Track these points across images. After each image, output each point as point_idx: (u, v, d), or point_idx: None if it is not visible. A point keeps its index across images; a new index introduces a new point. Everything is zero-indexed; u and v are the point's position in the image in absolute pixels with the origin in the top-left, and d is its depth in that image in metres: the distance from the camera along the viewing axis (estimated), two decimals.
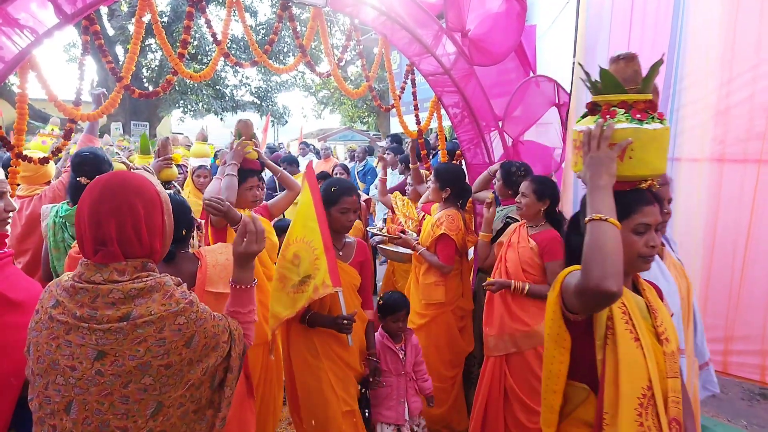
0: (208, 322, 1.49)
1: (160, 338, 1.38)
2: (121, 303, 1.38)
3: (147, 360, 1.37)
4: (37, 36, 2.57)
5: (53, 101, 2.83)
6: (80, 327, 1.37)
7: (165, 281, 1.46)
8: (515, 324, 3.10)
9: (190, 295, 1.50)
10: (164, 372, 1.39)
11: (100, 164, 3.05)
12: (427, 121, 4.52)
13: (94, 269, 1.42)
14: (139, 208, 1.46)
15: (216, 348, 1.51)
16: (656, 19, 3.51)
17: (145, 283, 1.42)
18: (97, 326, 1.36)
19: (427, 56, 3.96)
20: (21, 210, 3.46)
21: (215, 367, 1.52)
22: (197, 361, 1.46)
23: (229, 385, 1.56)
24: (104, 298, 1.38)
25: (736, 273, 3.24)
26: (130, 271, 1.43)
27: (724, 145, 3.25)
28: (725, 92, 3.22)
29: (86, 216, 1.43)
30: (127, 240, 1.43)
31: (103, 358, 1.36)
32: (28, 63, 2.63)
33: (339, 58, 3.97)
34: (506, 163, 3.78)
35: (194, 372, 1.45)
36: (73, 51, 19.98)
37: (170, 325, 1.40)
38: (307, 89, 24.73)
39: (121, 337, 1.36)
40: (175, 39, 13.61)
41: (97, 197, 1.44)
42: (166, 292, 1.44)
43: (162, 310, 1.40)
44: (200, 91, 17.98)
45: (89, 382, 1.36)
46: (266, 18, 19.66)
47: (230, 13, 3.43)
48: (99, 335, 1.36)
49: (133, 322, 1.36)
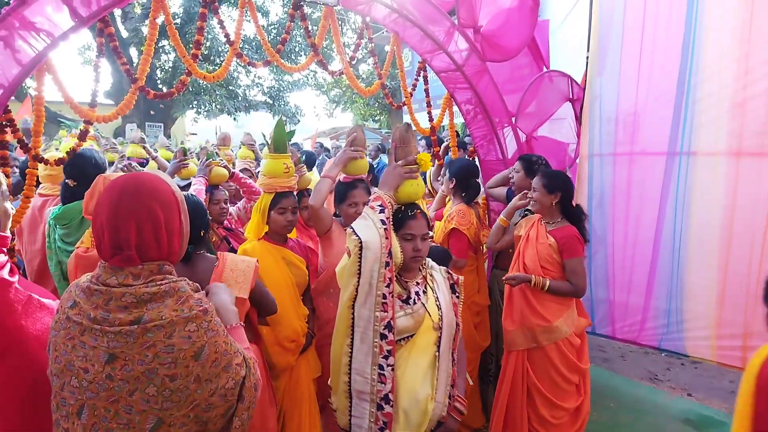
0: (220, 336, 1.45)
1: (168, 344, 1.36)
2: (134, 307, 1.37)
3: (154, 366, 1.34)
4: (53, 39, 2.60)
5: (69, 103, 2.86)
6: (93, 329, 1.37)
7: (180, 286, 1.44)
8: (535, 319, 3.10)
9: (207, 303, 1.47)
10: (168, 384, 1.36)
11: (85, 166, 3.04)
12: (440, 118, 4.51)
13: (110, 272, 1.42)
14: (158, 211, 1.45)
15: (228, 369, 1.44)
16: (670, 13, 3.48)
17: (158, 287, 1.40)
18: (109, 328, 1.36)
19: (439, 53, 3.95)
20: (43, 208, 3.52)
21: (227, 390, 1.44)
22: (206, 380, 1.40)
23: (239, 416, 1.47)
24: (117, 301, 1.37)
25: (754, 267, 3.21)
26: (145, 275, 1.42)
27: (741, 138, 3.22)
28: (741, 85, 3.19)
29: (105, 220, 1.42)
30: (145, 244, 1.42)
31: (113, 361, 1.35)
32: (45, 66, 2.66)
33: (351, 56, 3.98)
34: (525, 155, 3.76)
35: (201, 392, 1.40)
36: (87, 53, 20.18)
37: (180, 331, 1.37)
38: (318, 88, 24.75)
39: (131, 340, 1.34)
40: (188, 40, 13.71)
41: (116, 201, 1.43)
42: (180, 297, 1.42)
43: (173, 315, 1.38)
44: (213, 91, 18.09)
45: (99, 387, 1.36)
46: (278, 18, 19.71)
47: (243, 14, 3.45)
48: (110, 337, 1.35)
49: (143, 326, 1.35)
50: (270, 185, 2.98)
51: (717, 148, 3.32)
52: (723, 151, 3.30)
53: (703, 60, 3.34)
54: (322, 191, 3.00)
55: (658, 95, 3.60)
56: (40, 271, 3.42)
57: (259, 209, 2.98)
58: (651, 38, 3.59)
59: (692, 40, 3.36)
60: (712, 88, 3.32)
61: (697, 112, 3.40)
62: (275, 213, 2.94)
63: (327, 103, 26.14)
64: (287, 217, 2.96)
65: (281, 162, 2.99)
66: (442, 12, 3.82)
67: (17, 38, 2.50)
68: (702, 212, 3.41)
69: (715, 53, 3.30)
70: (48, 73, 2.70)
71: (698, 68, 3.37)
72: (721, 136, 3.30)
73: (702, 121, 3.38)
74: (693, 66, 3.39)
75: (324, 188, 3.01)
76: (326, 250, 3.13)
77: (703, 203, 3.40)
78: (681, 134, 3.49)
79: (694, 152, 3.43)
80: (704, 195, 3.40)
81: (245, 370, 1.50)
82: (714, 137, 3.34)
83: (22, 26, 2.49)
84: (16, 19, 2.45)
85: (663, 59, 3.55)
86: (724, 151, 3.29)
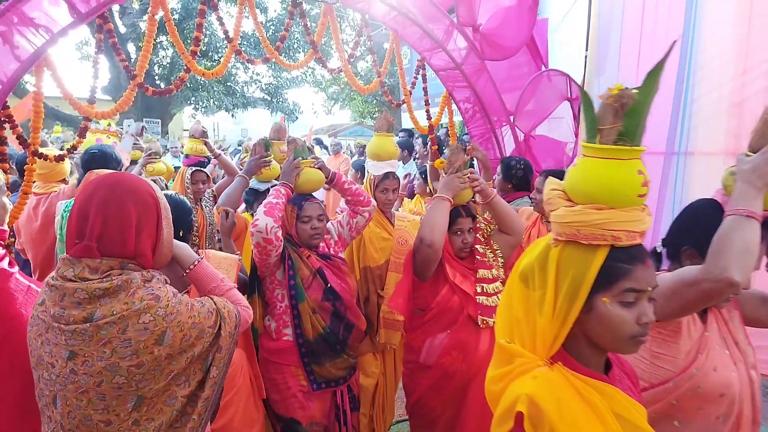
0: (182, 314, 1.43)
1: (124, 339, 1.34)
2: (87, 303, 1.35)
3: (114, 361, 1.34)
4: (52, 35, 2.59)
5: (68, 99, 2.86)
6: (53, 326, 1.37)
7: (131, 278, 1.40)
8: None
9: (159, 290, 1.43)
10: (136, 371, 1.36)
11: (108, 161, 3.12)
12: (438, 117, 4.51)
13: (68, 264, 1.40)
14: (130, 208, 1.43)
15: (201, 336, 1.46)
16: (669, 12, 3.48)
17: (111, 282, 1.36)
18: (66, 327, 1.35)
19: (438, 51, 3.95)
20: (37, 206, 3.52)
21: (204, 351, 1.48)
22: (179, 353, 1.41)
23: (217, 365, 1.51)
24: (70, 297, 1.36)
25: None
26: (103, 269, 1.39)
27: (739, 138, 3.22)
28: (740, 84, 3.19)
29: (75, 209, 1.42)
30: (109, 237, 1.40)
31: (74, 358, 1.35)
32: (43, 61, 2.66)
33: (350, 53, 3.97)
34: (506, 158, 3.80)
35: (177, 363, 1.42)
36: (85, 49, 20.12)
37: (134, 325, 1.35)
38: (317, 85, 24.73)
39: (87, 338, 1.33)
40: (186, 36, 13.67)
41: (90, 192, 1.43)
42: (129, 290, 1.38)
43: (124, 309, 1.35)
44: (211, 87, 18.07)
45: (66, 380, 1.36)
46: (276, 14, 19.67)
47: (242, 10, 3.44)
48: (68, 336, 1.35)
49: (95, 324, 1.33)
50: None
51: (715, 147, 3.33)
52: (721, 150, 3.30)
53: (702, 59, 3.34)
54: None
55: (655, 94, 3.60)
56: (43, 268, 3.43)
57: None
58: (649, 37, 3.59)
59: (690, 39, 3.37)
60: (710, 87, 3.32)
61: (695, 111, 3.40)
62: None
63: (325, 100, 26.12)
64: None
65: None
66: (442, 10, 3.82)
67: (16, 34, 2.49)
68: None
69: (714, 52, 3.30)
70: (47, 69, 2.70)
71: (696, 67, 3.37)
72: (719, 136, 3.30)
73: (700, 120, 3.39)
74: (691, 65, 3.40)
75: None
76: None
77: None
78: (679, 134, 3.50)
79: (692, 152, 3.44)
80: (702, 194, 3.36)
81: (219, 321, 1.52)
82: (712, 137, 3.34)
83: (21, 22, 2.48)
84: (14, 14, 2.45)
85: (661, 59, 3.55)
86: (722, 151, 3.29)
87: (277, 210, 2.47)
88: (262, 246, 2.41)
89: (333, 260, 2.69)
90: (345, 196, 2.84)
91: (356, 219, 2.84)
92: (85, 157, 3.23)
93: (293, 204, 2.62)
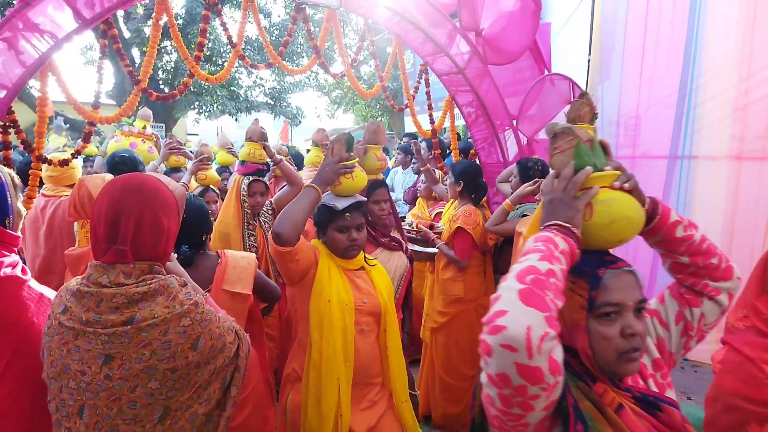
0: (212, 323, 1.46)
1: (165, 341, 1.36)
2: (125, 307, 1.36)
3: (153, 363, 1.35)
4: (57, 40, 2.61)
5: (73, 104, 2.87)
6: (86, 332, 1.37)
7: (169, 283, 1.42)
8: None
9: (195, 296, 1.47)
10: (170, 376, 1.38)
11: (137, 165, 3.08)
12: (441, 121, 4.52)
13: (101, 270, 1.40)
14: (161, 214, 1.45)
15: (223, 349, 1.48)
16: (673, 16, 3.49)
17: (148, 286, 1.39)
18: (102, 330, 1.35)
19: (441, 56, 3.96)
20: (45, 208, 3.52)
21: (223, 368, 1.50)
22: (204, 363, 1.44)
23: (236, 384, 1.54)
24: (108, 302, 1.36)
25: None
26: (136, 274, 1.40)
27: (743, 142, 3.22)
28: (744, 89, 3.19)
29: (103, 214, 1.41)
30: (141, 241, 1.42)
31: (110, 362, 1.36)
32: (48, 66, 2.67)
33: (353, 58, 3.98)
34: (523, 159, 3.76)
35: (201, 374, 1.44)
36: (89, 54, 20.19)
37: (175, 327, 1.38)
38: (320, 89, 24.76)
39: (126, 340, 1.35)
40: (190, 41, 13.72)
41: (117, 196, 1.42)
42: (170, 294, 1.41)
43: (165, 313, 1.37)
44: (215, 92, 18.09)
45: (99, 387, 1.36)
46: (279, 19, 19.72)
47: (246, 16, 3.45)
48: (104, 339, 1.35)
49: (137, 326, 1.35)
50: None
51: (718, 151, 3.33)
52: (724, 155, 3.30)
53: (705, 64, 3.34)
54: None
55: (659, 99, 3.61)
56: (41, 271, 3.43)
57: None
58: (653, 42, 3.59)
59: (694, 44, 3.37)
60: (714, 91, 3.32)
61: (699, 115, 3.40)
62: None
63: (328, 105, 26.13)
64: None
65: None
66: (444, 15, 3.83)
67: (21, 39, 2.51)
68: (703, 216, 3.41)
69: (718, 57, 3.30)
70: (51, 73, 2.71)
71: (700, 72, 3.37)
72: (723, 140, 3.30)
73: (704, 124, 3.38)
74: (695, 70, 3.40)
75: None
76: None
77: (704, 207, 3.40)
78: (683, 138, 3.50)
79: (696, 156, 3.44)
80: (705, 199, 3.40)
81: (237, 341, 1.55)
82: (716, 141, 3.34)
83: (26, 28, 2.50)
84: (19, 20, 2.46)
85: (665, 63, 3.56)
86: (726, 155, 3.29)
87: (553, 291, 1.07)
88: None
89: None
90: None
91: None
92: (115, 161, 3.11)
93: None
